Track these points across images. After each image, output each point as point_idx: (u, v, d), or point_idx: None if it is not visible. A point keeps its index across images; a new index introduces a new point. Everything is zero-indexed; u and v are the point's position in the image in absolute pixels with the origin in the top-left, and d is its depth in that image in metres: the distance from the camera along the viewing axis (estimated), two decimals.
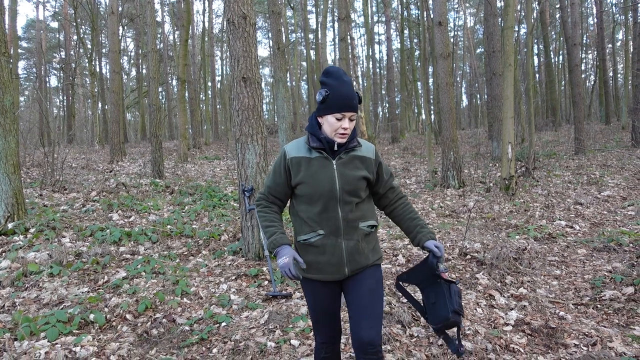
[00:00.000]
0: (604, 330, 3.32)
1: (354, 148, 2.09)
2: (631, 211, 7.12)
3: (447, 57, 9.95)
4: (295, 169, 2.06)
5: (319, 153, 2.05)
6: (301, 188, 2.06)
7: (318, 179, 2.02)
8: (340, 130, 2.00)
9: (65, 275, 4.44)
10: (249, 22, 5.01)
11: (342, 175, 2.04)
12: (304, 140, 2.10)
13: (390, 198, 2.23)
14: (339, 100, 1.97)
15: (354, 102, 1.99)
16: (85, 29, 27.12)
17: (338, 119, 1.98)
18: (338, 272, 2.07)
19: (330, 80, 2.01)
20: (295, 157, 2.07)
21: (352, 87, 2.00)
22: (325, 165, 2.04)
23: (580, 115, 14.09)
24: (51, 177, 8.35)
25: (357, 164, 2.09)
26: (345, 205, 2.04)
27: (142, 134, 27.12)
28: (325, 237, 2.04)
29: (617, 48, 33.28)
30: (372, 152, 2.16)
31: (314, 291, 2.15)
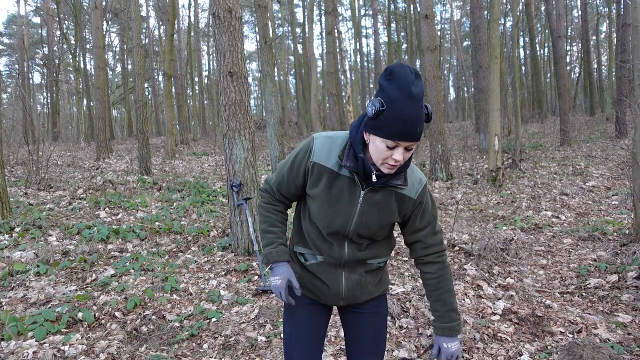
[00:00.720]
0: (589, 318, 3.39)
1: (397, 186, 1.54)
2: (615, 201, 7.24)
3: (433, 50, 9.99)
4: (314, 179, 1.55)
5: (349, 173, 1.52)
6: (311, 203, 1.60)
7: (331, 208, 1.54)
8: (390, 161, 1.42)
9: (53, 274, 4.39)
10: (235, 16, 4.98)
11: (363, 215, 1.54)
12: (340, 146, 1.54)
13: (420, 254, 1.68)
14: (397, 124, 1.34)
15: (417, 130, 1.36)
16: (68, 24, 26.68)
17: (389, 147, 1.39)
18: (331, 300, 1.69)
19: (392, 88, 1.35)
20: (319, 164, 1.54)
21: (421, 105, 1.36)
22: (349, 192, 1.53)
23: (565, 107, 14.26)
24: (36, 175, 8.23)
25: (390, 208, 1.56)
26: (353, 244, 1.60)
27: (129, 130, 26.85)
28: (324, 264, 1.64)
29: (601, 40, 33.68)
30: (419, 188, 1.58)
31: (298, 312, 1.71)
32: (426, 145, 14.30)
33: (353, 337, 1.75)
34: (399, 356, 2.93)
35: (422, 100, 1.37)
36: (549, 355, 2.92)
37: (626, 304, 3.62)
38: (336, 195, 1.53)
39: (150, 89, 27.02)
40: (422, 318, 3.44)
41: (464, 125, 23.23)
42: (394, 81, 1.35)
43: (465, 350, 3.02)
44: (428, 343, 3.12)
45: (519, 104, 13.37)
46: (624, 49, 13.11)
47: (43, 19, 26.41)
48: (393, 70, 1.36)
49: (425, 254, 1.66)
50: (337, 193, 1.52)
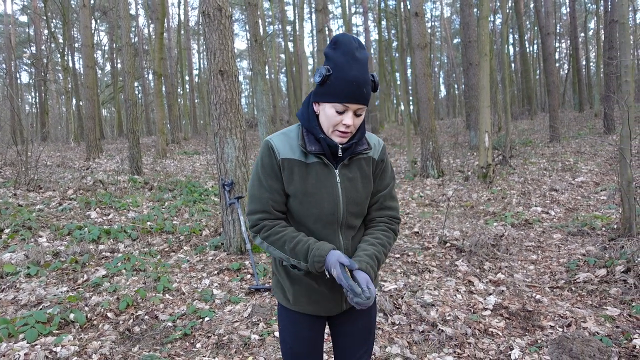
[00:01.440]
0: (578, 312, 3.44)
1: (363, 152, 1.55)
2: (603, 196, 7.33)
3: (424, 48, 10.03)
4: (287, 176, 1.50)
5: (317, 158, 1.50)
6: (291, 203, 1.54)
7: (315, 196, 1.50)
8: (341, 127, 1.44)
9: (43, 275, 4.36)
10: (225, 14, 4.96)
11: (349, 193, 1.52)
12: (297, 137, 1.53)
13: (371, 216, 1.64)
14: (344, 86, 1.38)
15: (364, 91, 1.40)
16: (56, 23, 26.37)
17: (339, 111, 1.42)
18: (335, 306, 1.61)
19: (337, 54, 1.40)
20: (287, 158, 1.50)
21: (366, 68, 1.41)
22: (325, 175, 1.50)
23: (554, 103, 14.38)
24: (25, 176, 8.15)
25: (366, 174, 1.57)
26: (347, 231, 1.56)
27: (119, 130, 26.63)
28: None
29: (590, 37, 33.97)
30: (379, 149, 1.62)
31: (297, 328, 1.64)
32: (417, 143, 14.36)
33: (344, 341, 1.70)
34: (392, 352, 2.96)
35: (366, 66, 1.42)
36: (539, 349, 2.96)
37: (614, 297, 3.67)
38: (314, 184, 1.50)
39: (141, 88, 26.82)
40: (415, 314, 3.46)
41: (454, 122, 23.35)
42: (338, 48, 1.41)
43: (457, 346, 3.06)
44: (421, 339, 3.15)
45: (509, 101, 13.47)
46: (612, 45, 13.24)
47: (30, 18, 26.08)
48: (337, 40, 1.43)
49: (380, 216, 1.63)
50: (314, 181, 1.50)
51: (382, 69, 25.21)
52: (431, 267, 4.52)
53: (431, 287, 3.93)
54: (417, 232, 5.84)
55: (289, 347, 1.66)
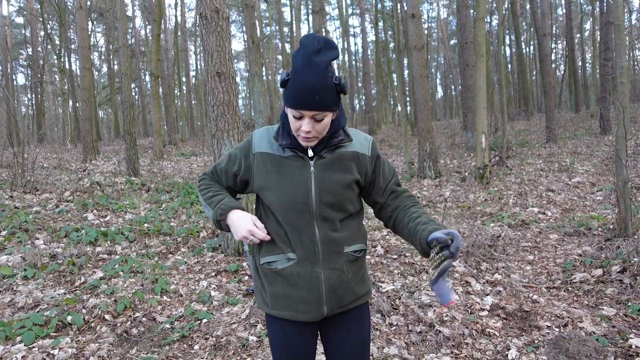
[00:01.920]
0: (575, 312, 3.45)
1: (339, 144, 1.53)
2: (600, 196, 7.36)
3: (420, 49, 10.06)
4: (261, 168, 1.53)
5: (292, 152, 1.52)
6: (266, 195, 1.54)
7: (287, 186, 1.50)
8: (302, 132, 1.44)
9: (40, 277, 4.35)
10: (222, 16, 4.97)
11: (321, 182, 1.50)
12: (274, 133, 1.56)
13: (394, 206, 1.63)
14: (296, 92, 1.38)
15: (317, 99, 1.37)
16: (52, 25, 26.33)
17: (295, 117, 1.43)
18: (314, 310, 1.55)
19: (297, 57, 1.39)
20: (262, 152, 1.54)
21: (322, 74, 1.36)
22: (298, 167, 1.51)
23: (551, 104, 14.44)
24: (22, 178, 8.12)
25: (345, 165, 1.54)
26: (324, 223, 1.51)
27: (116, 131, 26.58)
28: (298, 264, 1.51)
29: (586, 38, 34.14)
30: (368, 145, 1.59)
31: (282, 334, 1.61)
32: (414, 144, 14.39)
33: (338, 354, 1.64)
34: (390, 353, 2.96)
35: (325, 70, 1.36)
36: (536, 349, 2.97)
37: (610, 297, 3.69)
38: (287, 173, 1.51)
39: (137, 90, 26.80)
40: (412, 315, 3.47)
41: (451, 123, 23.41)
42: (299, 51, 1.38)
43: (455, 346, 3.07)
44: (418, 339, 3.16)
45: (505, 102, 13.51)
46: (607, 46, 13.31)
47: (26, 20, 26.02)
48: (301, 41, 1.40)
49: (400, 200, 1.63)
50: (288, 172, 1.51)
51: (379, 70, 25.27)
52: (428, 268, 4.52)
53: (428, 288, 3.94)
54: None
55: (279, 357, 1.63)
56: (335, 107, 1.46)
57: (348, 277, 1.56)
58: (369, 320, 1.71)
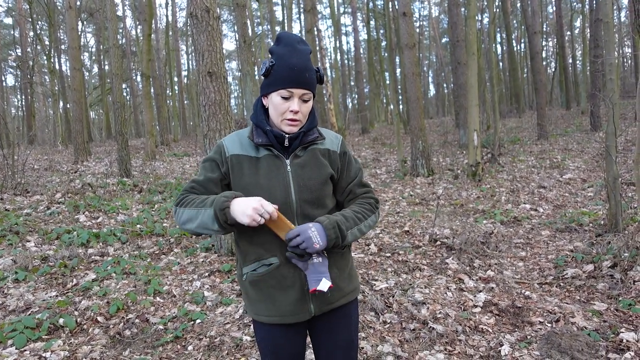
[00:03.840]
0: (567, 307, 3.48)
1: (314, 141, 1.58)
2: (590, 192, 7.43)
3: (412, 47, 10.08)
4: (237, 171, 1.53)
5: (267, 150, 1.54)
6: None
7: (266, 187, 1.50)
8: (288, 114, 1.49)
9: (32, 280, 4.32)
10: (213, 16, 4.95)
11: (300, 180, 1.52)
12: (247, 133, 1.58)
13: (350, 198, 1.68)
14: (287, 72, 1.46)
15: (307, 76, 1.47)
16: (42, 25, 26.09)
17: (284, 97, 1.47)
18: (300, 310, 1.55)
19: (279, 47, 1.50)
20: (236, 154, 1.54)
21: (307, 58, 1.50)
22: (275, 166, 1.53)
23: (542, 101, 14.54)
24: (12, 180, 8.05)
25: (320, 162, 1.57)
26: (305, 221, 1.51)
27: (107, 132, 26.40)
28: (281, 267, 1.52)
29: (576, 35, 34.41)
30: (338, 142, 1.65)
31: (270, 337, 1.61)
32: (407, 142, 14.42)
33: (326, 353, 1.66)
34: (383, 350, 2.97)
35: (307, 56, 1.50)
36: (528, 345, 2.99)
37: (602, 292, 3.73)
38: (265, 175, 1.52)
39: (129, 90, 26.63)
40: (406, 313, 3.48)
41: (444, 121, 23.50)
42: (281, 43, 1.51)
43: (448, 343, 3.08)
44: (412, 337, 3.17)
45: (497, 99, 13.59)
46: (597, 44, 13.42)
47: (15, 20, 25.74)
48: (279, 36, 1.53)
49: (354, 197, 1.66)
50: (265, 173, 1.52)
51: (372, 69, 25.31)
52: (422, 266, 4.55)
53: (422, 286, 3.96)
54: (407, 230, 5.87)
55: None
56: (315, 91, 1.55)
57: (332, 274, 1.56)
58: (357, 317, 1.71)
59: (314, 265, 1.48)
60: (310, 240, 1.43)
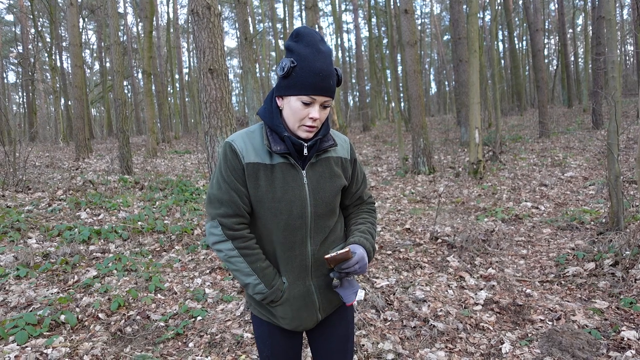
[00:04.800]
0: (568, 305, 3.48)
1: (328, 148, 1.50)
2: (592, 190, 7.41)
3: (414, 45, 10.05)
4: (252, 180, 1.43)
5: (282, 158, 1.44)
6: (258, 210, 1.46)
7: (282, 201, 1.42)
8: (308, 121, 1.39)
9: (33, 276, 4.32)
10: (214, 13, 4.94)
11: (316, 192, 1.46)
12: (260, 137, 1.46)
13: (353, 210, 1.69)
14: (310, 78, 1.35)
15: (330, 83, 1.38)
16: (43, 22, 26.08)
17: (305, 103, 1.37)
18: (310, 320, 1.57)
19: (300, 46, 1.37)
20: (252, 163, 1.42)
21: (331, 61, 1.39)
22: (292, 177, 1.44)
23: (543, 99, 14.50)
24: (14, 177, 8.05)
25: (334, 171, 1.51)
26: (317, 235, 1.49)
27: (109, 129, 26.42)
28: (290, 288, 1.50)
29: (578, 33, 34.30)
30: (348, 147, 1.59)
31: (270, 335, 1.62)
32: (408, 140, 14.40)
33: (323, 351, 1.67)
34: (384, 348, 2.97)
35: (331, 58, 1.40)
36: (529, 343, 2.99)
37: (603, 290, 3.72)
38: (281, 187, 1.43)
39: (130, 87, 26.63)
40: (406, 310, 3.48)
41: (445, 118, 23.46)
42: (301, 40, 1.38)
43: (449, 341, 3.08)
44: (413, 335, 3.17)
45: (499, 97, 13.56)
46: (599, 41, 13.36)
47: (16, 17, 25.74)
48: (299, 32, 1.40)
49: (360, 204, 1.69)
50: (281, 184, 1.43)
51: (373, 66, 25.25)
52: (422, 263, 4.54)
53: (423, 283, 3.96)
54: (408, 228, 5.87)
55: (266, 356, 1.65)
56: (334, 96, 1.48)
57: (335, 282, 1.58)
58: (353, 314, 1.73)
59: (350, 281, 1.54)
60: (366, 266, 1.48)
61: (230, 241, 1.45)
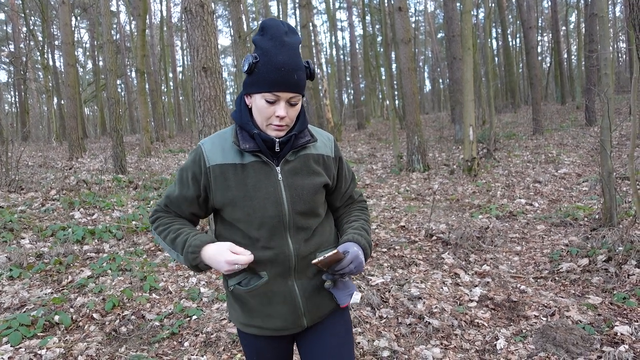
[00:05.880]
0: (562, 301, 3.50)
1: (306, 145, 1.42)
2: (585, 187, 7.46)
3: (408, 42, 10.06)
4: (220, 182, 1.37)
5: (254, 156, 1.37)
6: (230, 212, 1.40)
7: (255, 199, 1.36)
8: (274, 120, 1.33)
9: (27, 277, 4.29)
10: (207, 10, 4.91)
11: (293, 190, 1.38)
12: (231, 136, 1.41)
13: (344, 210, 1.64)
14: (272, 73, 1.28)
15: (295, 77, 1.30)
16: (35, 20, 25.87)
17: (269, 101, 1.31)
18: (293, 324, 1.46)
19: (264, 40, 1.30)
20: (218, 164, 1.37)
21: (296, 53, 1.31)
22: (265, 174, 1.37)
23: (537, 96, 14.56)
24: (6, 177, 7.99)
25: (312, 168, 1.43)
26: (298, 234, 1.41)
27: (102, 128, 26.27)
28: (270, 282, 1.41)
29: (571, 30, 34.44)
30: (331, 145, 1.50)
31: (258, 349, 1.53)
32: (403, 137, 14.43)
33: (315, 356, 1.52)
34: (380, 345, 2.98)
35: (297, 51, 1.32)
36: (524, 339, 3.01)
37: (596, 286, 3.75)
38: (254, 185, 1.36)
39: (123, 86, 26.45)
40: (402, 307, 3.49)
41: (439, 116, 23.52)
42: (266, 33, 1.31)
43: (444, 337, 3.09)
44: (408, 332, 3.17)
45: (493, 95, 13.61)
46: (592, 38, 13.43)
47: (8, 16, 25.50)
48: (264, 25, 1.33)
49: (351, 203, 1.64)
50: (254, 183, 1.37)
51: (367, 64, 25.26)
52: (417, 261, 4.56)
53: (418, 280, 3.97)
54: (403, 226, 5.88)
55: None
56: (304, 91, 1.39)
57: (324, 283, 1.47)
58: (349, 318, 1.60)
59: (345, 282, 1.47)
60: (362, 264, 1.40)
61: (152, 228, 1.49)
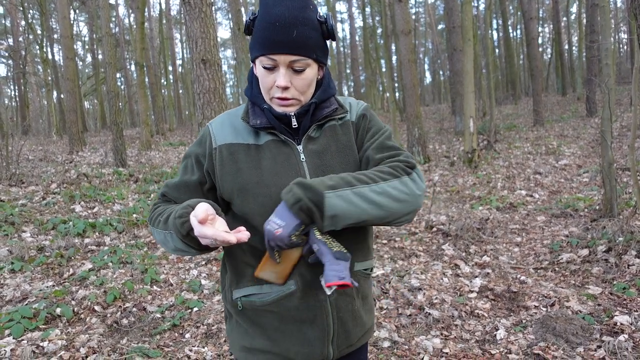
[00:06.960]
0: (562, 291, 3.51)
1: (332, 116, 1.14)
2: (586, 178, 7.45)
3: (408, 34, 10.01)
4: (229, 166, 1.10)
5: (270, 135, 1.11)
6: (241, 204, 1.10)
7: (273, 187, 1.07)
8: (276, 91, 1.06)
9: (28, 270, 4.31)
10: (206, 2, 4.88)
11: (320, 173, 1.09)
12: (242, 113, 1.15)
13: None
14: (265, 31, 1.02)
15: (294, 34, 1.00)
16: (33, 14, 25.73)
17: (266, 67, 1.04)
18: (317, 353, 1.13)
19: None
20: (227, 144, 1.12)
21: (299, 6, 1.02)
22: (284, 156, 1.10)
23: (538, 87, 14.51)
24: (7, 171, 8.00)
25: (342, 142, 1.14)
26: None
27: (102, 122, 26.24)
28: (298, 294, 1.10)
29: (572, 21, 34.22)
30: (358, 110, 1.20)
31: None
32: (403, 129, 14.40)
33: None
34: (380, 336, 2.99)
35: (303, 2, 1.03)
36: (524, 329, 3.02)
37: (596, 276, 3.75)
38: (270, 169, 1.09)
39: (123, 79, 26.39)
40: (402, 298, 3.50)
41: (440, 108, 23.45)
42: None
43: (444, 328, 3.10)
44: (408, 322, 3.19)
45: (493, 86, 13.55)
46: (593, 29, 13.35)
47: (6, 9, 25.37)
48: None
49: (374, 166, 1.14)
50: (270, 166, 1.09)
51: (367, 56, 25.15)
52: (418, 252, 4.57)
53: (418, 272, 3.98)
54: None
55: None
56: (321, 54, 1.07)
57: (357, 303, 1.18)
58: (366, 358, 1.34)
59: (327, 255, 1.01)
60: (270, 231, 0.99)
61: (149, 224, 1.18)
